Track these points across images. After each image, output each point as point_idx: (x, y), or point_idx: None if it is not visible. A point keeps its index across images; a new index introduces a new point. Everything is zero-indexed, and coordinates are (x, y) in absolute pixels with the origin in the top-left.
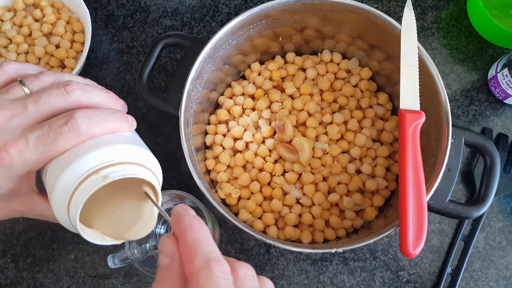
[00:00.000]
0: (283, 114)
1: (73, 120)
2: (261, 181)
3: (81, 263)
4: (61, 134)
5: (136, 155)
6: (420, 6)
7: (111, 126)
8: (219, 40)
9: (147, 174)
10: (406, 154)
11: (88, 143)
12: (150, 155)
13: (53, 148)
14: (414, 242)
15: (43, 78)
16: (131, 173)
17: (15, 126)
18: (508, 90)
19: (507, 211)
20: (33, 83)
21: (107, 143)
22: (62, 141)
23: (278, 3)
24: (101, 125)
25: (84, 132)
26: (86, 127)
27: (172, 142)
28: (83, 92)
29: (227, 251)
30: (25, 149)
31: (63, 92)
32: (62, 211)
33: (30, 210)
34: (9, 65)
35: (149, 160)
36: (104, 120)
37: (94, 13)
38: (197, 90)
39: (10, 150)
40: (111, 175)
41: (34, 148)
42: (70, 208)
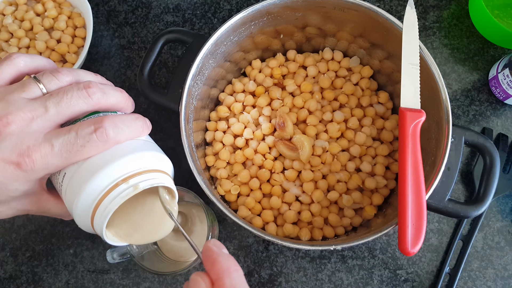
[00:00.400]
0: (284, 112)
1: (102, 129)
2: (260, 178)
3: (80, 257)
4: (89, 142)
5: (158, 161)
6: (422, 6)
7: (135, 133)
8: (221, 37)
9: (169, 181)
10: (406, 152)
11: (113, 151)
12: (166, 158)
13: (79, 154)
14: (413, 241)
15: (61, 77)
16: (158, 182)
17: (36, 129)
18: (509, 91)
19: (506, 211)
20: (51, 82)
21: (131, 150)
22: (89, 149)
23: (280, 0)
24: (126, 133)
25: (111, 140)
26: (114, 135)
27: (172, 138)
28: (103, 94)
29: (226, 247)
30: (49, 154)
31: (85, 95)
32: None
33: (38, 208)
34: (19, 57)
35: (166, 164)
36: (129, 128)
37: (96, 8)
38: (198, 86)
39: (33, 156)
40: (141, 185)
41: (59, 154)
42: (96, 215)
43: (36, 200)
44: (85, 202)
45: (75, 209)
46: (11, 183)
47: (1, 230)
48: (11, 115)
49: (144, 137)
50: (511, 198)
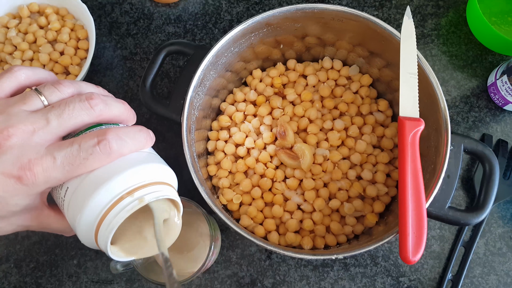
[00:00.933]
0: (284, 121)
1: (106, 142)
2: (262, 187)
3: (83, 268)
4: (92, 155)
5: (162, 174)
6: (420, 13)
7: (138, 145)
8: (221, 48)
9: (174, 193)
10: (405, 161)
11: (117, 163)
12: (170, 170)
13: (81, 167)
14: (414, 249)
15: (63, 89)
16: (164, 195)
17: (37, 142)
18: (508, 97)
19: (507, 217)
20: (53, 94)
21: (135, 163)
22: (93, 162)
23: (279, 12)
24: (130, 145)
25: (115, 152)
26: (118, 148)
27: (174, 148)
28: (105, 106)
29: (229, 256)
30: (51, 168)
31: (87, 106)
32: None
33: (39, 224)
34: (20, 70)
35: (170, 176)
36: (133, 140)
37: (98, 20)
38: (200, 97)
39: (34, 169)
40: (146, 198)
41: (61, 167)
42: (100, 231)
43: (36, 216)
44: (88, 217)
45: (79, 225)
46: (12, 198)
47: (5, 241)
48: (12, 128)
49: (147, 149)
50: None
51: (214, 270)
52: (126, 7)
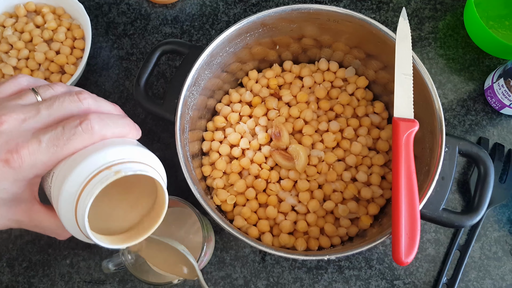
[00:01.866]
0: (280, 122)
1: (87, 121)
2: (256, 188)
3: (76, 268)
4: (75, 135)
5: (146, 157)
6: (418, 17)
7: (121, 130)
8: (216, 48)
9: (157, 175)
10: (399, 161)
11: (99, 144)
12: (157, 160)
13: (65, 148)
14: (407, 250)
15: (55, 87)
16: (142, 170)
17: (26, 129)
18: (504, 100)
19: (503, 221)
20: (46, 92)
21: (118, 144)
22: (75, 141)
23: (275, 12)
24: (113, 128)
25: (97, 133)
26: (99, 128)
27: (169, 149)
28: (95, 101)
29: (222, 257)
30: (37, 150)
31: (76, 99)
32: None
33: (30, 220)
34: (23, 77)
35: (157, 164)
36: (116, 124)
37: (95, 20)
38: (194, 97)
39: (21, 152)
40: (123, 170)
41: (46, 149)
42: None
43: (27, 209)
44: (68, 194)
45: (60, 205)
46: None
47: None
48: (4, 116)
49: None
50: (508, 207)
51: (208, 271)
52: (123, 8)
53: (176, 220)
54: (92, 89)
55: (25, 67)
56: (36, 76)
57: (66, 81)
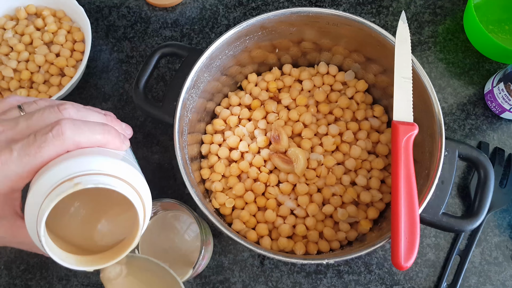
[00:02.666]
0: (279, 125)
1: (58, 126)
2: (255, 191)
3: (74, 271)
4: (46, 141)
5: (121, 170)
6: (417, 21)
7: (99, 138)
8: (215, 51)
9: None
10: (398, 165)
11: (72, 153)
12: (139, 175)
13: (38, 157)
14: (406, 255)
15: (39, 102)
16: (106, 183)
17: (2, 139)
18: (504, 105)
19: (504, 226)
20: (30, 106)
21: (91, 153)
22: (47, 149)
23: (274, 15)
24: (88, 135)
25: (69, 139)
26: (72, 134)
27: (168, 152)
28: (77, 112)
29: (221, 261)
30: (8, 160)
31: (56, 110)
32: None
33: (13, 236)
34: (14, 97)
35: (136, 179)
36: (92, 130)
37: (95, 23)
38: (193, 100)
39: None
40: (83, 183)
41: (18, 159)
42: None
43: (9, 226)
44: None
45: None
46: None
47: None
48: None
49: (123, 152)
50: (508, 212)
51: (206, 275)
52: (123, 11)
53: (174, 223)
54: (91, 92)
55: (25, 69)
56: (35, 78)
57: (66, 83)
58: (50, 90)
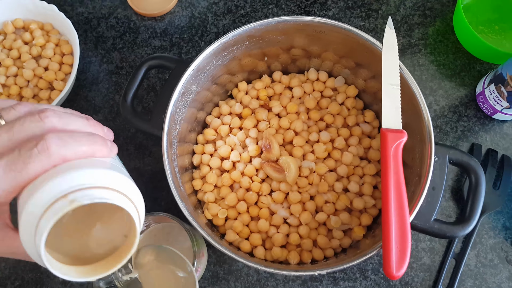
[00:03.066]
0: (269, 133)
1: (43, 141)
2: (248, 201)
3: (69, 286)
4: (31, 158)
5: (112, 180)
6: (407, 23)
7: (86, 149)
8: (202, 62)
9: (122, 201)
10: (388, 173)
11: (60, 167)
12: (130, 182)
13: (24, 173)
14: (398, 264)
15: (18, 107)
16: (101, 197)
17: None
18: (496, 106)
19: (498, 228)
20: (9, 114)
21: (80, 166)
22: (33, 165)
23: (261, 25)
24: (74, 147)
25: (55, 154)
26: (58, 149)
27: (160, 162)
28: (59, 119)
29: (216, 272)
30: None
31: (37, 119)
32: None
33: (6, 248)
34: None
35: (127, 187)
36: (78, 142)
37: (84, 34)
38: (182, 111)
39: None
40: (79, 199)
41: (3, 175)
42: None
43: (1, 238)
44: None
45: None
46: None
47: None
48: None
49: (109, 159)
50: (502, 214)
51: (201, 286)
52: (112, 21)
53: (167, 236)
54: (82, 104)
55: (13, 84)
56: (24, 93)
57: (55, 97)
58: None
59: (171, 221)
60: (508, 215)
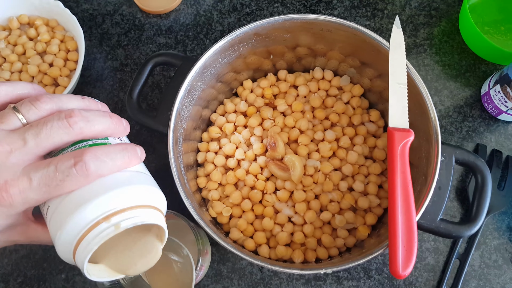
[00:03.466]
0: (275, 132)
1: (82, 163)
2: (252, 199)
3: (71, 282)
4: (69, 176)
5: (145, 197)
6: (412, 23)
7: (120, 165)
8: (209, 59)
9: (157, 217)
10: (395, 172)
11: (96, 185)
12: (158, 192)
13: (58, 189)
14: (404, 263)
15: (40, 105)
16: (142, 221)
17: (14, 162)
18: (501, 106)
19: (503, 228)
20: (30, 112)
21: (116, 185)
22: (69, 184)
23: (268, 22)
24: (110, 166)
25: (93, 174)
26: (96, 169)
27: (165, 159)
28: (86, 123)
29: (219, 270)
30: (27, 189)
31: (66, 125)
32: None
33: (27, 238)
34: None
35: (157, 198)
36: (113, 160)
37: (89, 31)
38: (187, 108)
39: (11, 190)
40: (122, 224)
41: (37, 188)
42: (77, 252)
43: (23, 231)
44: (66, 238)
45: (57, 244)
46: None
47: None
48: None
49: (135, 167)
50: (507, 215)
51: (204, 284)
52: (117, 18)
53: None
54: None
55: (18, 80)
56: None
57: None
58: None
59: (175, 219)
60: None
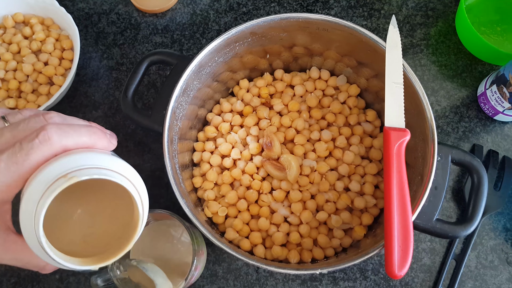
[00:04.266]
0: (271, 131)
1: (44, 131)
2: (248, 199)
3: (66, 283)
4: (32, 148)
5: (113, 164)
6: (409, 23)
7: (86, 140)
8: (204, 58)
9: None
10: (391, 172)
11: (61, 155)
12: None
13: (26, 164)
14: (400, 263)
15: (24, 111)
16: (100, 174)
17: None
18: (498, 107)
19: (499, 229)
20: (15, 117)
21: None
22: (34, 155)
23: (264, 21)
24: (74, 137)
25: (56, 143)
26: (59, 138)
27: (160, 159)
28: (62, 119)
29: (215, 271)
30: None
31: (42, 120)
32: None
33: (5, 252)
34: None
35: (129, 171)
36: (78, 132)
37: (85, 30)
38: (183, 108)
39: None
40: (78, 176)
41: (5, 169)
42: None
43: (2, 242)
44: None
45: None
46: None
47: None
48: None
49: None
50: (503, 215)
51: (200, 285)
52: (113, 17)
53: (166, 234)
54: (81, 100)
55: (13, 78)
56: (24, 87)
57: (55, 92)
58: (38, 100)
59: (171, 219)
60: (508, 217)
